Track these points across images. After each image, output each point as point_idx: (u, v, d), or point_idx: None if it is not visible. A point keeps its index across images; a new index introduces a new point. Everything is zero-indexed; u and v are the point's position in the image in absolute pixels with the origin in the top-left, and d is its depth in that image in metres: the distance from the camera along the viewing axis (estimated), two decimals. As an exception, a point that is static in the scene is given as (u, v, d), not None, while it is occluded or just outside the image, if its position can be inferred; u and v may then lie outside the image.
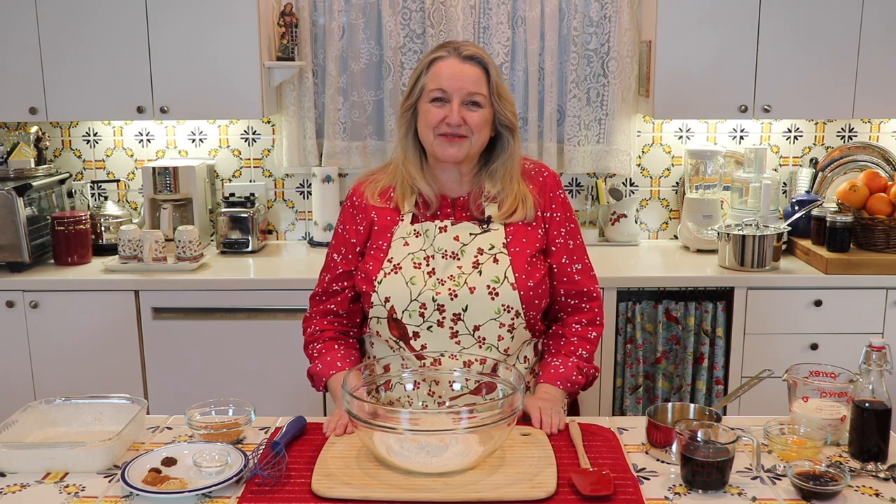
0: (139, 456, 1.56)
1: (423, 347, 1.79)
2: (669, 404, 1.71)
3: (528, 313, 1.81)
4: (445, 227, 1.84)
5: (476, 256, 1.80)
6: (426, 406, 1.77)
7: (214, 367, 3.00)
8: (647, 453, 1.63)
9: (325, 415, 2.90)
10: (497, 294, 1.78)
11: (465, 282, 1.78)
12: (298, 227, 3.58)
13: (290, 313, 2.92)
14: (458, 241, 1.82)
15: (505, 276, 1.78)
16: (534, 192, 1.88)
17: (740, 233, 3.00)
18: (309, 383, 1.92)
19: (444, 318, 1.78)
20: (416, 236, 1.84)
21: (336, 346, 1.89)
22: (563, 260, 1.88)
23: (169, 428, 1.77)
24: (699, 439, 1.48)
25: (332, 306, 1.91)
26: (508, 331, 1.80)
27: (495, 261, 1.80)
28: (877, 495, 1.46)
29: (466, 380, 1.73)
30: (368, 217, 1.89)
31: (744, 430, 1.62)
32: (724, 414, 2.03)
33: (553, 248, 1.88)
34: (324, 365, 1.86)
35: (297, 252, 3.41)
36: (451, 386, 1.76)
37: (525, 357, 1.88)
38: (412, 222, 1.85)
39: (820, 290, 2.94)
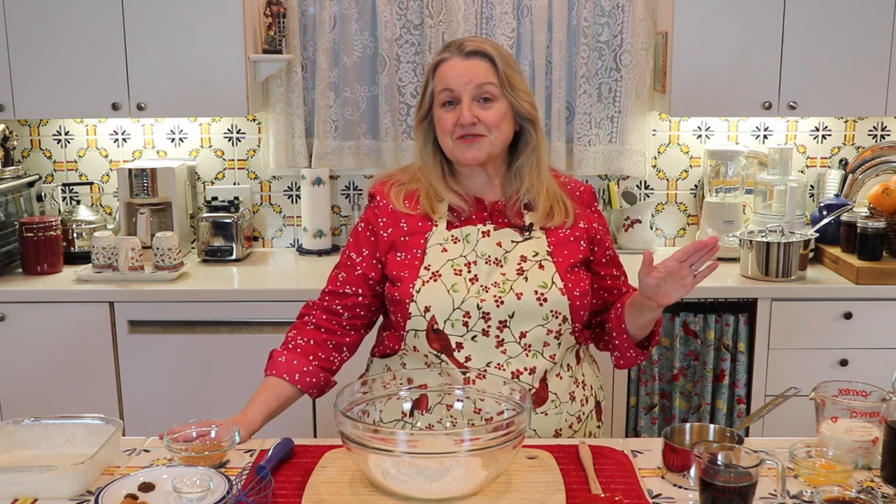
0: (114, 481, 1.56)
1: (468, 359, 1.79)
2: (687, 425, 1.72)
3: (574, 323, 1.85)
4: (488, 231, 1.87)
5: (520, 264, 1.84)
6: (431, 427, 1.76)
7: (196, 385, 3.00)
8: (663, 478, 1.63)
9: (315, 436, 2.91)
10: (546, 300, 1.81)
11: (511, 288, 1.81)
12: (286, 233, 3.59)
13: (277, 326, 2.92)
14: (500, 247, 1.86)
15: (553, 282, 1.82)
16: (576, 206, 1.94)
17: (764, 240, 3.01)
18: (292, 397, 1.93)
19: (489, 326, 1.80)
20: (455, 242, 1.86)
21: (309, 356, 1.89)
22: (615, 272, 2.00)
23: (146, 450, 1.78)
24: (719, 463, 1.48)
25: (339, 307, 1.92)
26: (555, 337, 1.83)
27: (541, 267, 1.84)
28: (911, 523, 1.47)
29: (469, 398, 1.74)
30: (396, 223, 1.89)
31: (768, 453, 1.63)
32: (747, 435, 2.03)
33: (604, 260, 1.97)
34: (282, 361, 1.90)
35: (285, 261, 3.42)
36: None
37: (568, 365, 1.89)
38: (448, 228, 1.88)
39: (850, 301, 2.95)
